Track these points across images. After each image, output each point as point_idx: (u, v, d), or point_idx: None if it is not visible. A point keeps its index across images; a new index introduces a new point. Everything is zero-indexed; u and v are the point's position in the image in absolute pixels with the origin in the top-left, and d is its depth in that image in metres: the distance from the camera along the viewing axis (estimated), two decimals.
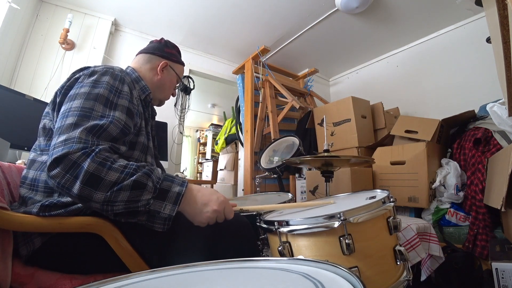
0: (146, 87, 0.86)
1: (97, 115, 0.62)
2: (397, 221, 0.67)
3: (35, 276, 0.60)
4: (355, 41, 2.68)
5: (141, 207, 0.56)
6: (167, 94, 0.96)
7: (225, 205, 0.64)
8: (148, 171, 0.58)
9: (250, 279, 0.36)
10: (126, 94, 0.72)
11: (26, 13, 1.92)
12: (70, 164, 0.53)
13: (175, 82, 0.96)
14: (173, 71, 0.93)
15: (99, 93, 0.65)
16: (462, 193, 1.50)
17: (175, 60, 0.94)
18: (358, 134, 1.89)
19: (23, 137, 1.30)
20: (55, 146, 0.55)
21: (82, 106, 0.61)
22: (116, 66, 0.77)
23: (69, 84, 0.69)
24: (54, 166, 0.53)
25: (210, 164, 4.42)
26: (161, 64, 0.89)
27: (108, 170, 0.54)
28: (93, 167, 0.53)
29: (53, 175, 0.53)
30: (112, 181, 0.54)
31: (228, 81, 3.07)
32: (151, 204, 0.57)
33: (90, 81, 0.67)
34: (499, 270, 0.94)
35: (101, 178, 0.53)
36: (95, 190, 0.53)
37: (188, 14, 2.28)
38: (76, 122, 0.58)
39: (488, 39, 1.56)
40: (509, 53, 0.76)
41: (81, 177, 0.52)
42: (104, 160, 0.55)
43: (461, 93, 2.27)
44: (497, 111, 1.34)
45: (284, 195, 1.22)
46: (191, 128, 5.99)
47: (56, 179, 0.53)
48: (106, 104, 0.65)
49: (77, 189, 0.52)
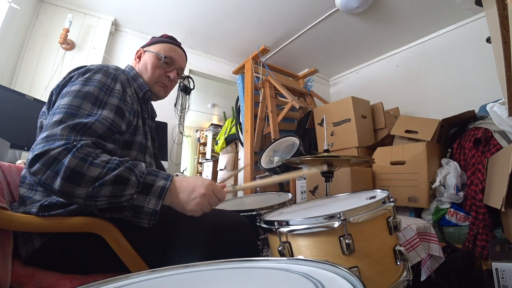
0: (143, 85, 0.85)
1: (83, 113, 0.60)
2: (397, 221, 0.67)
3: (35, 276, 0.60)
4: (355, 41, 2.68)
5: (124, 202, 0.55)
6: (152, 76, 0.87)
7: (212, 187, 0.63)
8: (130, 166, 0.56)
9: (250, 279, 0.36)
10: (118, 92, 0.70)
11: (26, 13, 1.92)
12: (50, 160, 0.51)
13: (156, 61, 0.87)
14: (149, 52, 0.88)
15: (89, 91, 0.64)
16: (462, 193, 1.50)
17: (149, 43, 0.91)
18: (358, 134, 1.89)
19: (23, 137, 1.30)
20: (37, 143, 0.54)
21: (69, 103, 0.61)
22: (112, 64, 0.77)
23: (63, 83, 0.69)
24: (34, 162, 0.52)
25: (210, 164, 4.42)
26: (137, 52, 0.90)
27: (89, 165, 0.53)
28: (74, 163, 0.52)
29: (33, 171, 0.52)
30: (94, 176, 0.53)
31: (228, 81, 3.07)
32: (134, 199, 0.55)
33: (82, 79, 0.67)
34: (499, 270, 0.94)
35: (82, 174, 0.52)
36: (76, 186, 0.52)
37: (188, 14, 2.28)
38: (61, 119, 0.57)
39: (488, 39, 1.56)
40: (509, 53, 0.76)
41: (61, 173, 0.51)
42: (85, 156, 0.53)
43: (461, 93, 2.27)
44: (497, 111, 1.34)
45: (284, 195, 1.22)
46: (191, 128, 5.99)
47: (37, 176, 0.52)
48: (94, 103, 0.64)
49: (58, 185, 0.51)
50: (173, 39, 0.94)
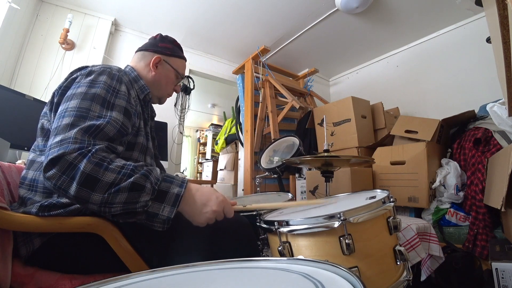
0: (144, 86, 0.84)
1: (93, 115, 0.61)
2: (397, 221, 0.67)
3: (35, 276, 0.60)
4: (355, 41, 2.68)
5: (139, 208, 0.55)
6: (165, 91, 0.91)
7: (224, 205, 0.64)
8: (146, 172, 0.57)
9: (250, 279, 0.36)
10: (124, 94, 0.70)
11: (26, 13, 1.92)
12: (66, 165, 0.52)
13: (173, 77, 0.91)
14: (168, 66, 0.88)
15: (96, 93, 0.64)
16: (462, 193, 1.50)
17: (169, 53, 0.89)
18: (358, 134, 1.89)
19: (23, 137, 1.30)
20: (51, 147, 0.54)
21: (78, 106, 0.61)
22: (114, 65, 0.76)
23: (66, 84, 0.68)
24: (50, 167, 0.52)
25: (210, 164, 4.42)
26: (154, 59, 0.86)
27: (104, 170, 0.53)
28: (89, 168, 0.52)
29: (49, 176, 0.52)
30: (109, 182, 0.53)
31: (228, 81, 3.07)
32: (149, 206, 0.56)
33: (87, 81, 0.66)
34: (499, 270, 0.94)
35: (97, 179, 0.52)
36: (92, 191, 0.52)
37: (188, 14, 2.28)
38: (72, 123, 0.57)
39: (488, 39, 1.56)
40: (509, 53, 0.76)
41: (77, 178, 0.51)
42: (100, 161, 0.54)
43: (461, 93, 2.27)
44: (497, 111, 1.34)
45: (284, 195, 1.22)
46: (191, 128, 5.99)
47: (52, 181, 0.52)
48: (103, 104, 0.63)
49: (74, 191, 0.51)
50: (181, 49, 0.96)
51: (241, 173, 2.59)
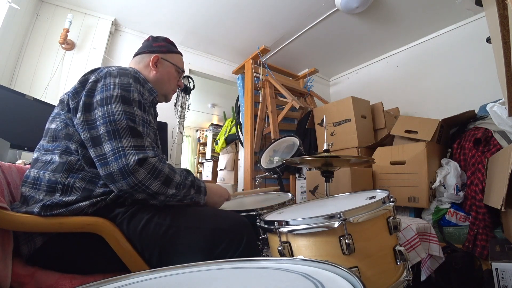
0: (152, 89, 0.84)
1: (139, 120, 0.68)
2: (397, 221, 0.67)
3: (35, 276, 0.60)
4: (355, 41, 2.68)
5: (189, 199, 0.74)
6: (169, 87, 0.92)
7: (228, 195, 0.89)
8: (192, 174, 0.76)
9: (250, 279, 0.36)
10: (146, 97, 0.76)
11: (26, 13, 1.91)
12: (151, 167, 0.64)
13: (174, 73, 0.92)
14: (167, 62, 0.90)
15: (132, 98, 0.70)
16: (462, 193, 1.50)
17: (165, 51, 0.91)
18: (358, 134, 1.89)
19: (23, 137, 1.30)
20: (127, 149, 0.63)
21: (123, 110, 0.66)
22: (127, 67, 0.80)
23: (90, 87, 0.69)
24: (139, 166, 0.62)
25: (210, 164, 4.42)
26: (152, 59, 0.87)
27: (173, 173, 0.69)
28: (167, 171, 0.67)
29: (137, 173, 0.62)
30: (177, 182, 0.69)
31: (228, 81, 3.07)
32: (194, 197, 0.76)
33: (115, 83, 0.69)
34: (499, 270, 0.94)
35: (171, 179, 0.68)
36: (168, 187, 0.67)
37: (188, 14, 2.28)
38: (130, 126, 0.66)
39: (488, 39, 1.56)
40: (509, 53, 0.76)
41: (160, 178, 0.65)
42: (169, 166, 0.70)
43: (461, 93, 2.27)
44: (497, 111, 1.34)
45: (284, 195, 1.21)
46: (191, 128, 5.99)
47: (139, 177, 0.62)
48: (140, 108, 0.71)
49: (156, 187, 0.65)
50: (174, 45, 0.98)
51: (241, 173, 2.59)
